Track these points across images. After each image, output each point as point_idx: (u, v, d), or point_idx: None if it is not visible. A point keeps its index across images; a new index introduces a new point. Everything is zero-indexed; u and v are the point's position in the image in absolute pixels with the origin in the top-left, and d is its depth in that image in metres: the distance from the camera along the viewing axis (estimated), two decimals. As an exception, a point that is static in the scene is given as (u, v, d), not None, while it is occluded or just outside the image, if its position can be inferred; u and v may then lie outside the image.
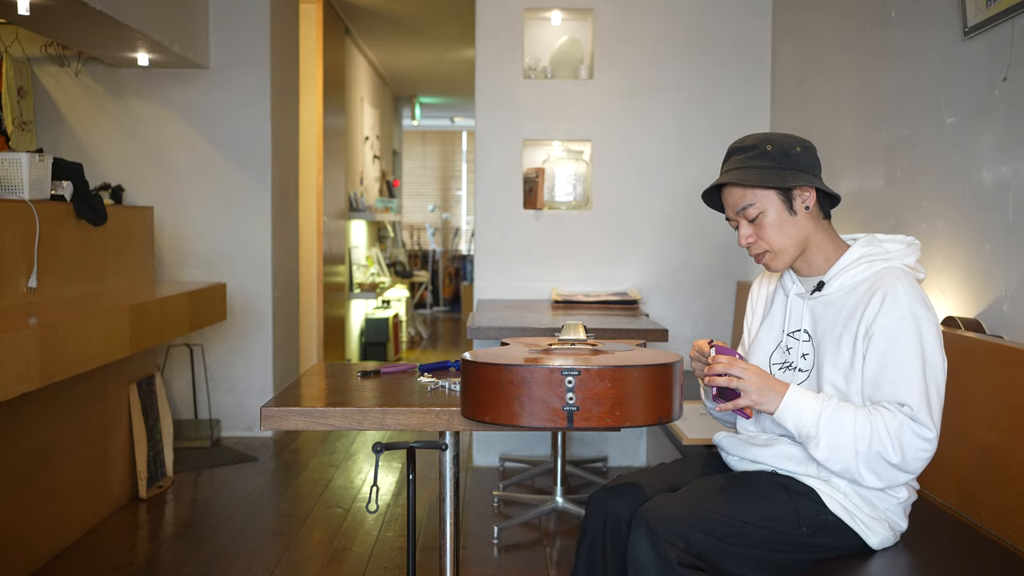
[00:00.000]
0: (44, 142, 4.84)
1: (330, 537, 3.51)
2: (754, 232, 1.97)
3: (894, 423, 1.80)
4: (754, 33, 4.52)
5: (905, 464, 1.80)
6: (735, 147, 2.00)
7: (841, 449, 1.82)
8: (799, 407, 1.85)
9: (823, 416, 1.83)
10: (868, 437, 1.80)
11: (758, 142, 1.96)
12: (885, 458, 1.80)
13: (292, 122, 5.44)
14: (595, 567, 2.00)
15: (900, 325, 1.83)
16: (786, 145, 1.95)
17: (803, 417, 1.85)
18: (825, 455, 1.83)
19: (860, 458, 1.81)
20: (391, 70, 9.38)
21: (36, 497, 3.15)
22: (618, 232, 4.55)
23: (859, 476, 1.83)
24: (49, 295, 3.21)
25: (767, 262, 1.99)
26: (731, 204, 1.98)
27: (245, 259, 4.97)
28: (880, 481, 1.83)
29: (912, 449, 1.80)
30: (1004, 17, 2.40)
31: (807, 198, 1.94)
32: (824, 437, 1.83)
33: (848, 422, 1.82)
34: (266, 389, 5.01)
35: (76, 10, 3.57)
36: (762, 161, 1.93)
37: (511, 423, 1.69)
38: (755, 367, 1.88)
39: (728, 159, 2.00)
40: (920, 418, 1.80)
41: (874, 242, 1.95)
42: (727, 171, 1.98)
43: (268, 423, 1.84)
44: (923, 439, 1.80)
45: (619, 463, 4.58)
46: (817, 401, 1.85)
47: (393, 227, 9.97)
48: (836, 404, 1.84)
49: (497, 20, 4.53)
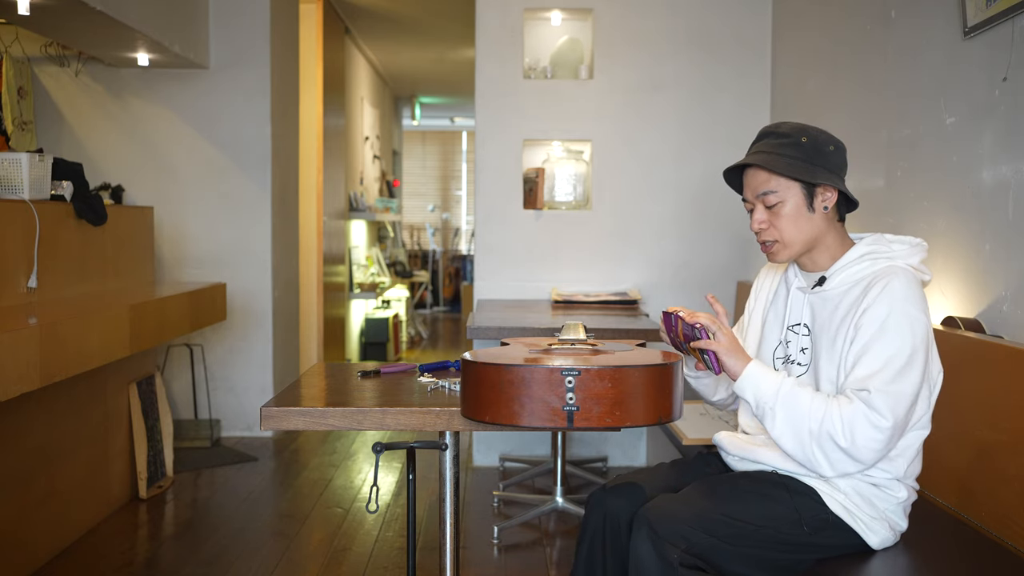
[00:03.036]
0: (44, 142, 4.84)
1: (330, 537, 3.51)
2: (768, 219, 1.95)
3: (848, 408, 1.80)
4: (754, 33, 4.52)
5: (854, 451, 1.80)
6: (769, 130, 1.98)
7: (794, 426, 1.83)
8: (758, 378, 1.87)
9: (781, 390, 1.85)
10: (820, 417, 1.81)
11: (794, 131, 1.94)
12: (835, 440, 1.80)
13: (292, 122, 5.44)
14: (595, 567, 2.00)
15: (888, 320, 1.82)
16: (820, 141, 1.94)
17: (762, 389, 1.87)
18: (779, 431, 1.85)
19: (812, 437, 1.82)
20: (391, 70, 9.38)
21: (36, 497, 3.15)
22: (618, 232, 4.55)
23: (812, 456, 1.83)
24: (49, 295, 3.21)
25: (773, 251, 1.98)
26: (753, 186, 1.97)
27: (245, 259, 4.97)
28: (831, 467, 1.83)
29: (863, 437, 1.79)
30: (1004, 17, 2.40)
31: (828, 198, 1.93)
32: (780, 412, 1.84)
33: (804, 400, 1.83)
34: (266, 389, 5.01)
35: (76, 10, 3.57)
36: (794, 151, 1.91)
37: (511, 423, 1.69)
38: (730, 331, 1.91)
39: (759, 140, 1.98)
40: (877, 406, 1.78)
41: (880, 241, 1.94)
42: (756, 152, 1.95)
43: (268, 423, 1.84)
44: (876, 428, 1.78)
45: (619, 463, 4.58)
46: (777, 377, 1.87)
47: (393, 227, 9.97)
48: (795, 382, 1.86)
49: (497, 20, 4.53)
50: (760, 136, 1.99)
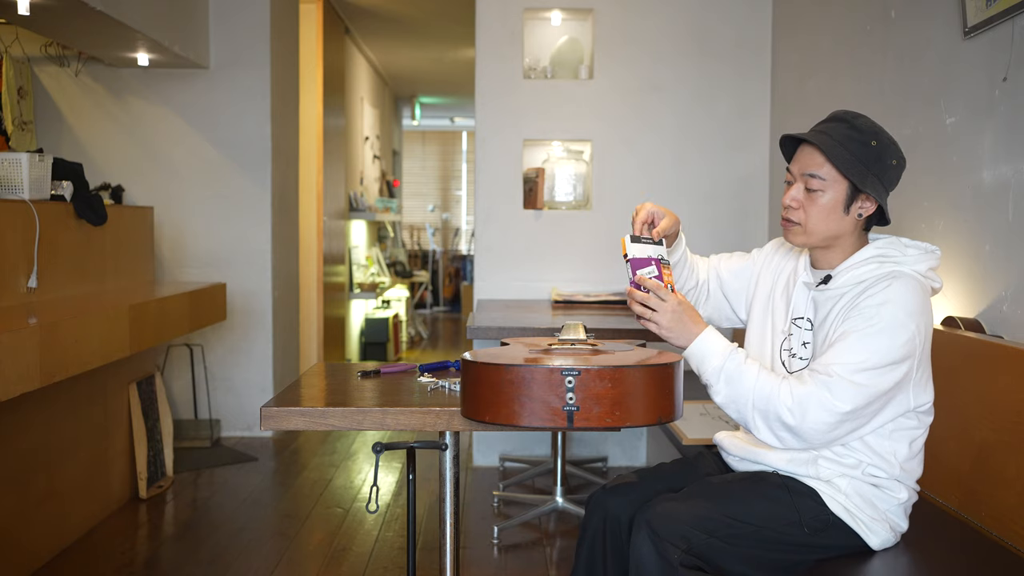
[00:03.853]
0: (44, 142, 4.84)
1: (330, 537, 3.51)
2: (802, 201, 1.92)
3: (801, 388, 1.80)
4: (754, 32, 4.52)
5: (802, 430, 1.80)
6: (845, 118, 1.92)
7: (737, 402, 1.86)
8: (704, 353, 1.88)
9: (725, 367, 1.85)
10: (766, 395, 1.82)
11: (868, 130, 1.89)
12: (782, 419, 1.81)
13: (292, 122, 5.44)
14: (595, 567, 2.00)
15: (873, 318, 1.81)
16: (888, 152, 1.90)
17: (705, 363, 1.88)
18: (723, 402, 1.88)
19: (757, 413, 1.84)
20: (391, 70, 9.38)
21: (36, 497, 3.15)
22: (618, 232, 4.54)
23: (755, 428, 1.85)
24: (49, 295, 3.21)
25: (792, 232, 1.95)
26: (803, 163, 1.92)
27: (245, 259, 4.97)
28: (775, 439, 1.84)
29: (813, 419, 1.79)
30: (1004, 17, 2.40)
31: (866, 208, 1.91)
32: (723, 389, 1.87)
33: (749, 379, 1.84)
34: (266, 389, 5.01)
35: (76, 10, 3.57)
36: (860, 150, 1.88)
37: (511, 423, 1.69)
38: (673, 299, 1.88)
39: (831, 122, 1.92)
40: (836, 390, 1.78)
41: (894, 245, 1.92)
42: (821, 132, 1.90)
43: (268, 423, 1.84)
44: (827, 411, 1.78)
45: (619, 463, 4.58)
46: (724, 352, 1.87)
47: (393, 227, 9.97)
48: (742, 358, 1.86)
49: (497, 20, 4.53)
50: (833, 118, 1.93)
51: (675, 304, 1.88)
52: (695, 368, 1.91)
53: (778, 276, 2.11)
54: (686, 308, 1.89)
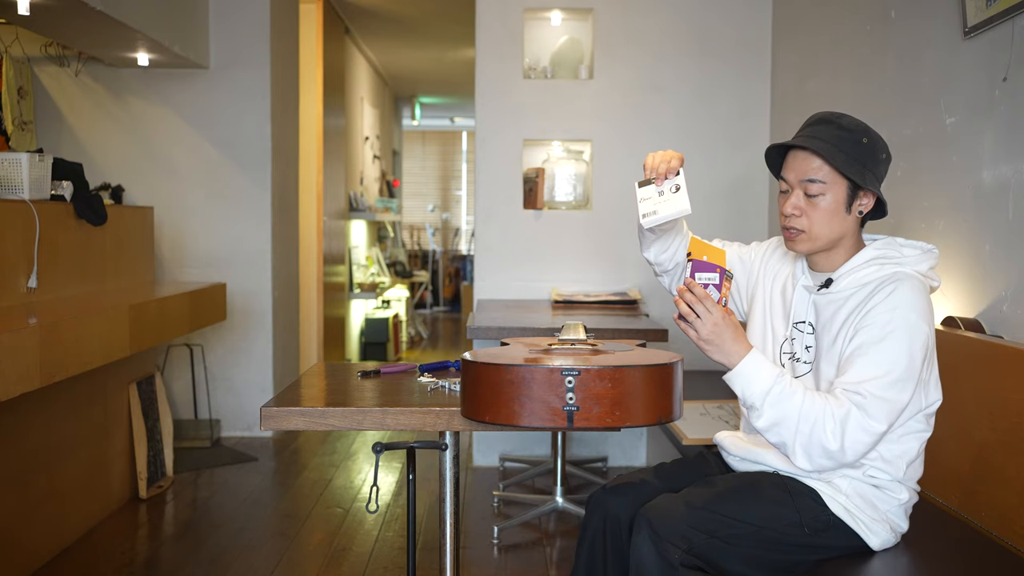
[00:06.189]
0: (44, 142, 4.84)
1: (330, 537, 3.51)
2: (803, 208, 1.91)
3: (840, 411, 1.78)
4: (754, 32, 4.52)
5: (842, 453, 1.79)
6: (830, 119, 1.91)
7: (780, 426, 1.81)
8: (750, 375, 1.83)
9: (772, 392, 1.81)
10: (812, 421, 1.79)
11: (857, 128, 1.89)
12: (824, 445, 1.78)
13: (292, 122, 5.44)
14: (595, 567, 2.00)
15: (888, 325, 1.81)
16: (878, 146, 1.91)
17: (751, 386, 1.83)
18: (765, 426, 1.83)
19: (800, 438, 1.80)
20: (391, 70, 9.38)
21: (36, 497, 3.15)
22: (618, 232, 4.55)
23: (792, 454, 1.82)
24: (49, 295, 3.21)
25: (796, 240, 1.94)
26: (799, 170, 1.91)
27: (245, 259, 4.97)
28: (810, 464, 1.82)
29: (852, 441, 1.78)
30: (1004, 17, 2.40)
31: (866, 204, 1.91)
32: (768, 412, 1.82)
33: (795, 403, 1.80)
34: (266, 389, 5.01)
35: (76, 10, 3.57)
36: (854, 149, 1.87)
37: (511, 423, 1.69)
38: (720, 312, 1.83)
39: (816, 125, 1.91)
40: (871, 411, 1.77)
41: (891, 245, 1.92)
42: (813, 138, 1.89)
43: (268, 423, 1.84)
44: (866, 432, 1.78)
45: (619, 463, 4.58)
46: (771, 377, 1.82)
47: (393, 227, 9.96)
48: (788, 382, 1.82)
49: (497, 20, 4.53)
50: (817, 121, 1.92)
51: (720, 318, 1.83)
52: (737, 390, 1.85)
53: (775, 279, 2.10)
54: (730, 325, 1.84)
